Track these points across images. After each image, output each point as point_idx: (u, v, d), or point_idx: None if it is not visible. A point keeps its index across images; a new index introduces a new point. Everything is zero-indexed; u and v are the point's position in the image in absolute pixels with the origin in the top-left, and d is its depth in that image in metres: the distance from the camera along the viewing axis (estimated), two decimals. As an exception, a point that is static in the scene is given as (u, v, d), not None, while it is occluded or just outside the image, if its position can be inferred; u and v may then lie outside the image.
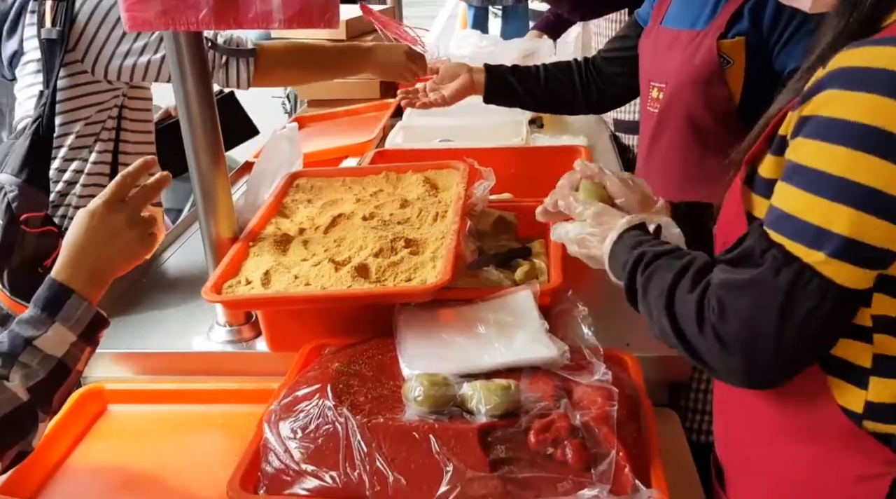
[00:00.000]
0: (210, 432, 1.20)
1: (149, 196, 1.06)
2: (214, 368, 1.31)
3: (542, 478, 0.85)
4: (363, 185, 1.50)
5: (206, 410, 1.24)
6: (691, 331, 0.81)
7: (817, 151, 0.73)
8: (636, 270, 0.90)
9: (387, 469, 0.86)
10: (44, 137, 1.57)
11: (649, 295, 0.87)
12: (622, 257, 0.93)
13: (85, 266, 0.99)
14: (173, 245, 1.76)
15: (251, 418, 1.21)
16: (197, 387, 1.26)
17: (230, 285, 1.16)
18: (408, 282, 1.12)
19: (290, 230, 1.32)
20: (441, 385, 0.94)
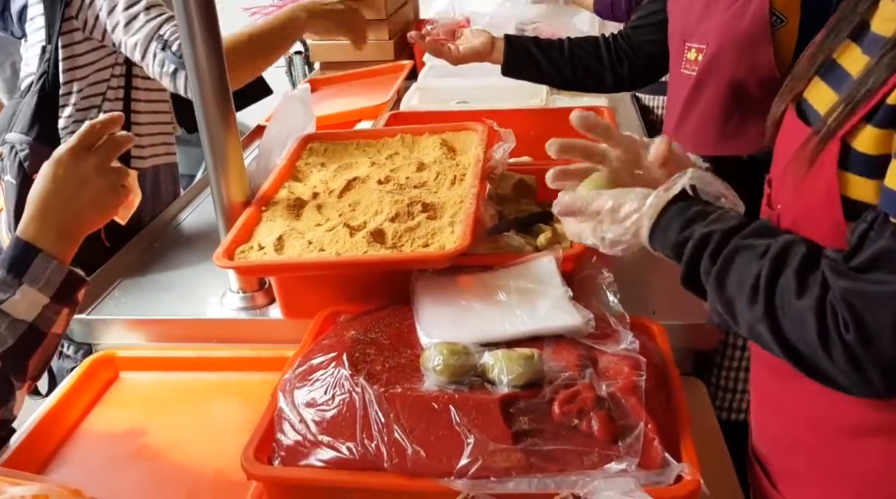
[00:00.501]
0: (224, 400, 1.18)
1: (117, 147, 0.97)
2: (228, 336, 1.28)
3: (566, 450, 0.82)
4: (378, 148, 1.45)
5: (221, 378, 1.22)
6: (809, 345, 0.71)
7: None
8: (701, 257, 0.78)
9: (405, 440, 0.83)
10: (50, 93, 1.53)
11: (728, 290, 0.76)
12: (673, 239, 0.81)
13: (52, 221, 0.91)
14: (185, 209, 1.73)
15: (266, 386, 1.18)
16: (211, 354, 1.24)
17: (242, 251, 1.12)
18: (425, 247, 1.08)
19: (303, 194, 1.28)
20: (461, 354, 0.91)
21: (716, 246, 0.78)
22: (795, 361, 0.73)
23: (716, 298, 0.78)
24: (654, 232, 0.83)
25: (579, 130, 0.96)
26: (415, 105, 1.95)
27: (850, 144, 0.73)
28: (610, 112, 1.72)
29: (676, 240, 0.81)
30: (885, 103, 0.70)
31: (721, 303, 0.78)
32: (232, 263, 1.09)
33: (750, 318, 0.74)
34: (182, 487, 1.01)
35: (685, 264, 0.80)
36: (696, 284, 0.81)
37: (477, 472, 0.80)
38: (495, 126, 1.37)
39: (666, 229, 0.82)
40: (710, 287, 0.78)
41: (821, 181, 0.75)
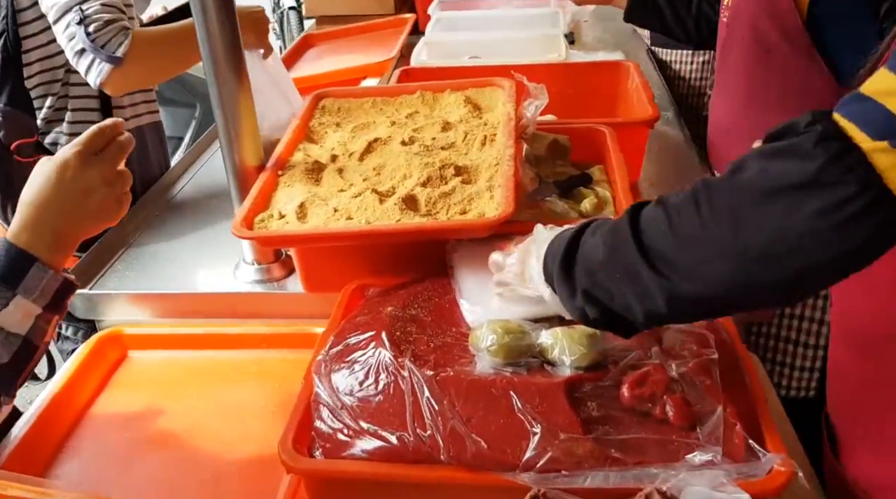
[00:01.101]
0: (243, 380, 1.09)
1: (122, 152, 0.89)
2: (242, 311, 1.19)
3: (643, 439, 0.74)
4: (396, 106, 1.35)
5: (237, 356, 1.13)
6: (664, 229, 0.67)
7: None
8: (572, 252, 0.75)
9: (463, 430, 0.75)
10: (13, 54, 1.41)
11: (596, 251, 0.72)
12: (553, 254, 0.78)
13: (49, 228, 0.83)
14: (184, 175, 1.62)
15: (286, 364, 1.11)
16: (226, 331, 1.15)
17: (262, 220, 1.03)
18: (462, 215, 0.99)
19: (321, 157, 1.18)
20: (517, 333, 0.82)
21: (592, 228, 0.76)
22: (644, 251, 0.68)
23: (587, 253, 0.74)
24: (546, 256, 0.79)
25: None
26: (424, 61, 1.84)
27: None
28: (636, 67, 1.63)
29: (555, 251, 0.77)
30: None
31: (592, 251, 0.73)
32: (252, 233, 0.99)
33: (613, 224, 0.72)
34: (206, 476, 0.93)
35: (564, 248, 0.76)
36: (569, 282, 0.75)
37: (546, 465, 0.72)
38: (525, 81, 1.27)
39: (550, 249, 0.79)
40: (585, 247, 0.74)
41: None
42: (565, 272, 0.75)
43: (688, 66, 2.11)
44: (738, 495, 0.67)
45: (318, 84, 2.00)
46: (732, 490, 0.68)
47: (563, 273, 0.75)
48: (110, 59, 1.32)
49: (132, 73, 1.35)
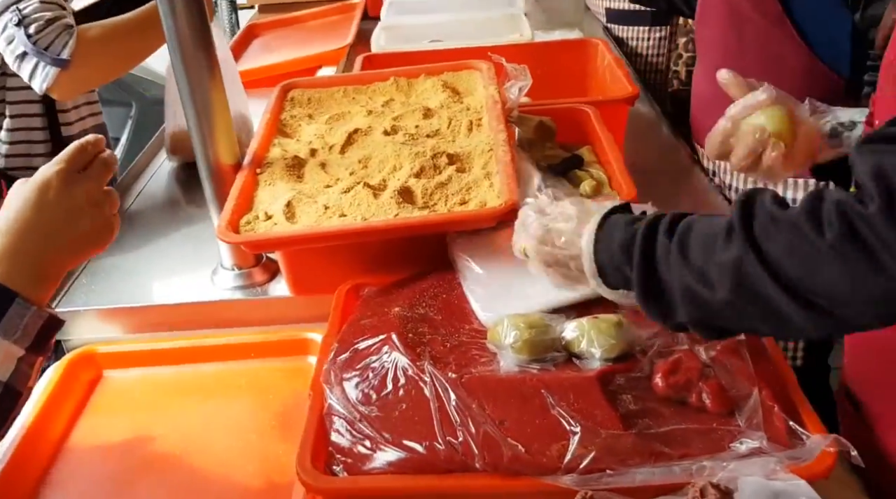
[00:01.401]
0: (233, 394, 1.02)
1: (107, 170, 0.80)
2: (224, 320, 1.12)
3: (686, 430, 0.71)
4: (369, 94, 1.28)
5: (224, 368, 1.06)
6: (802, 256, 0.60)
7: None
8: (654, 240, 0.68)
9: (497, 434, 0.71)
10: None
11: (693, 256, 0.66)
12: (620, 237, 0.71)
13: (30, 257, 0.73)
14: (140, 179, 1.52)
15: (279, 374, 1.04)
16: (209, 343, 1.07)
17: (248, 222, 0.96)
18: (463, 205, 0.94)
19: (299, 152, 1.11)
20: (540, 327, 0.78)
21: (668, 224, 0.69)
22: (786, 287, 0.61)
23: (683, 276, 0.66)
24: (599, 237, 0.73)
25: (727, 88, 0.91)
26: (384, 46, 1.77)
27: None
28: (605, 44, 1.60)
29: (623, 236, 0.71)
30: None
31: (692, 275, 0.65)
32: (241, 237, 0.92)
33: (729, 260, 0.63)
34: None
35: (639, 254, 0.69)
36: (653, 281, 0.68)
37: (589, 465, 0.68)
38: (504, 62, 1.22)
39: (611, 231, 0.73)
40: (673, 265, 0.66)
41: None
42: (653, 297, 0.69)
43: (645, 43, 2.10)
44: (796, 481, 0.65)
45: (269, 76, 1.92)
46: (788, 477, 0.66)
47: (650, 296, 0.69)
48: (56, 62, 1.21)
49: (80, 75, 1.25)
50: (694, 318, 0.67)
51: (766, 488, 0.65)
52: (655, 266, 0.68)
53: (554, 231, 0.76)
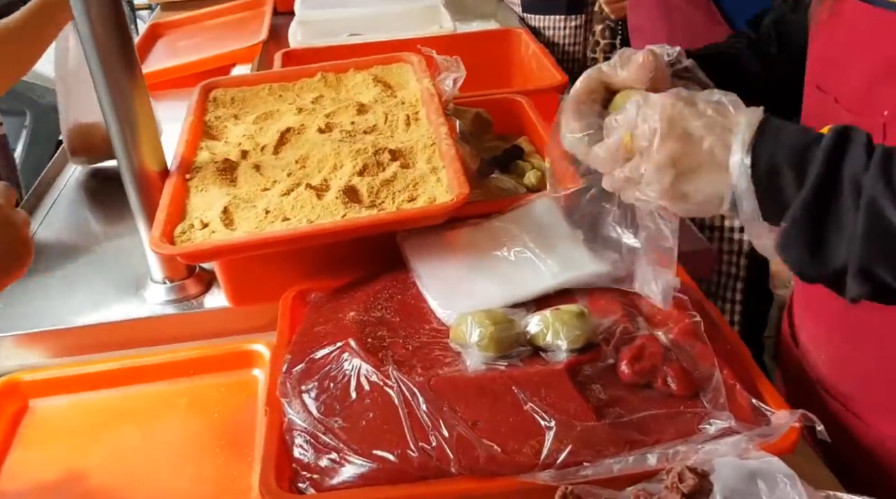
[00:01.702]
0: (175, 415, 0.96)
1: (13, 191, 0.75)
2: (157, 337, 1.05)
3: (655, 416, 0.72)
4: (296, 91, 1.24)
5: (162, 388, 1.00)
6: None
7: None
8: (846, 149, 0.56)
9: (471, 435, 0.69)
10: None
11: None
12: (793, 140, 0.58)
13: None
14: (48, 196, 1.41)
15: (222, 389, 0.99)
16: (144, 362, 1.01)
17: (183, 232, 0.90)
18: (412, 202, 0.92)
19: (229, 154, 1.06)
20: (504, 322, 0.77)
21: (867, 141, 0.57)
22: None
23: (884, 204, 0.54)
24: (762, 139, 0.59)
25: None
26: (301, 41, 1.72)
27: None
28: (527, 33, 1.61)
29: (797, 138, 0.58)
30: None
31: (895, 204, 0.54)
32: (178, 248, 0.87)
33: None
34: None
35: (823, 159, 0.56)
36: (830, 199, 0.56)
37: (566, 459, 0.68)
38: (435, 54, 1.20)
39: (778, 132, 0.59)
40: (871, 182, 0.54)
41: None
42: (821, 218, 0.56)
43: (561, 31, 2.12)
44: (769, 458, 0.66)
45: (180, 77, 1.83)
46: (760, 455, 0.66)
47: (818, 217, 0.56)
48: None
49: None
50: (872, 261, 0.55)
51: (742, 467, 0.65)
52: (839, 180, 0.55)
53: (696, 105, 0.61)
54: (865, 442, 0.83)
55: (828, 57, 0.78)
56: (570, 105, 0.73)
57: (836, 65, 0.77)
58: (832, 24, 0.77)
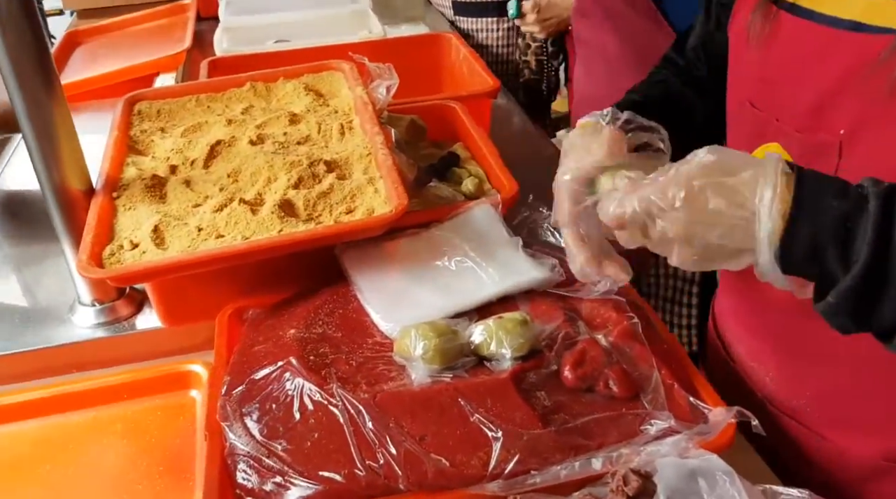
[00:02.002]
0: (109, 442, 0.93)
1: None
2: (88, 362, 1.01)
3: (598, 420, 0.73)
4: (224, 102, 1.21)
5: (95, 415, 0.96)
6: None
7: None
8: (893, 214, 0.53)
9: (419, 450, 0.69)
10: None
11: None
12: (833, 207, 0.55)
13: None
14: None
15: (159, 413, 0.96)
16: (73, 389, 0.96)
17: (112, 253, 0.87)
18: (349, 214, 0.91)
19: (157, 170, 1.02)
20: (448, 334, 0.77)
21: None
22: None
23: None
24: (800, 209, 0.55)
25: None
26: (227, 49, 1.68)
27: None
28: (457, 37, 1.61)
29: (840, 208, 0.54)
30: None
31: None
32: (106, 271, 0.83)
33: None
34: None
35: (874, 233, 0.53)
36: (881, 273, 0.54)
37: (514, 469, 0.68)
38: (366, 62, 1.19)
39: (817, 197, 0.55)
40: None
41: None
42: (872, 294, 0.54)
43: (493, 34, 2.13)
44: (708, 456, 0.67)
45: (101, 87, 1.77)
46: (699, 453, 0.68)
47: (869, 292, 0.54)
48: None
49: None
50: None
51: (683, 467, 0.67)
52: (890, 254, 0.53)
53: (709, 187, 0.57)
54: (822, 455, 0.84)
55: (763, 75, 0.78)
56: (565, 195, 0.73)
57: (775, 84, 0.77)
58: (766, 41, 0.77)
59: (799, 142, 0.73)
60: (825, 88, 0.70)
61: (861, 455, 0.81)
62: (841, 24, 0.69)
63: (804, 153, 0.73)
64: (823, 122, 0.71)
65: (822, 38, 0.71)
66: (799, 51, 0.73)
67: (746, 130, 0.80)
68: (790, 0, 0.75)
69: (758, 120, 0.78)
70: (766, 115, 0.77)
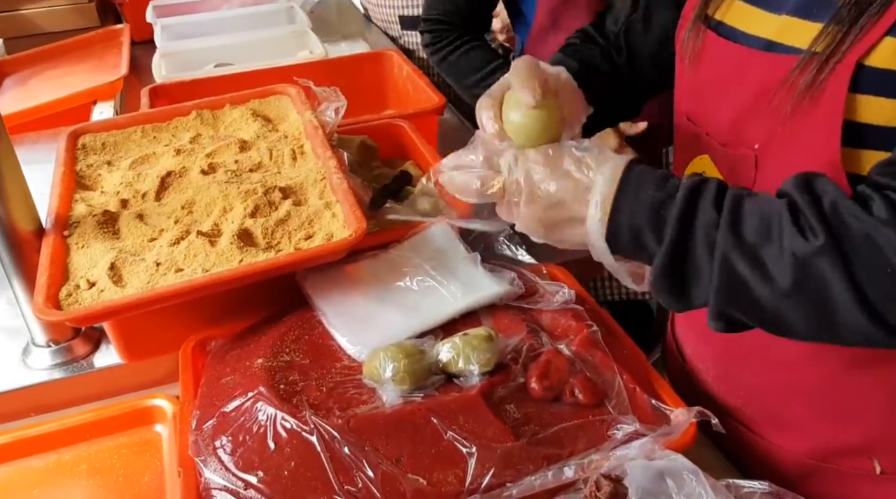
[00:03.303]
0: (76, 484, 0.91)
1: None
2: (46, 404, 0.99)
3: (567, 428, 0.75)
4: (171, 131, 1.20)
5: (59, 458, 0.94)
6: (890, 269, 0.54)
7: None
8: (696, 208, 0.60)
9: (396, 471, 0.70)
10: None
11: (748, 236, 0.58)
12: (649, 197, 0.61)
13: None
14: None
15: (125, 451, 0.95)
16: (33, 433, 0.94)
17: (69, 294, 0.85)
18: (309, 240, 0.91)
19: (107, 205, 1.01)
20: (415, 354, 0.78)
21: (715, 192, 0.61)
22: (860, 299, 0.56)
23: (730, 256, 0.58)
24: (622, 196, 0.62)
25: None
26: (166, 75, 1.65)
27: (865, 64, 0.63)
28: (399, 55, 1.63)
29: (655, 197, 0.61)
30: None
31: (743, 257, 0.58)
32: (64, 313, 0.82)
33: (802, 251, 0.57)
34: None
35: (677, 219, 0.60)
36: (686, 254, 0.61)
37: (490, 482, 0.70)
38: (312, 85, 1.20)
39: (638, 188, 0.62)
40: (720, 242, 0.59)
41: (821, 110, 0.66)
42: (679, 272, 0.60)
43: None
44: (673, 456, 0.70)
45: (35, 119, 1.73)
46: (665, 454, 0.71)
47: (675, 271, 0.60)
48: None
49: None
50: (725, 306, 0.59)
51: (651, 468, 0.70)
52: (693, 237, 0.60)
53: (565, 154, 0.64)
54: (761, 453, 0.88)
55: (694, 90, 0.82)
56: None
57: (704, 99, 0.81)
58: (697, 57, 0.81)
59: (724, 155, 0.78)
60: (742, 106, 0.74)
61: (794, 452, 0.85)
62: (756, 42, 0.74)
63: (728, 166, 0.78)
64: (741, 138, 0.76)
65: (739, 56, 0.75)
66: (721, 69, 0.78)
67: (686, 142, 0.85)
68: (717, 18, 0.79)
69: (693, 133, 0.83)
70: (698, 129, 0.82)
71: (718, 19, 0.79)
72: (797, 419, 0.84)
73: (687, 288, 0.61)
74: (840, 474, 0.82)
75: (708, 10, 0.80)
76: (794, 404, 0.83)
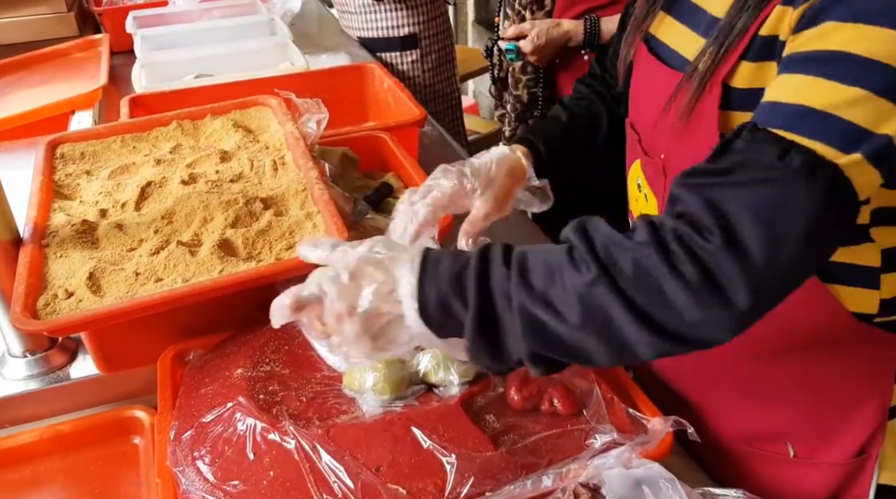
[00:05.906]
0: (53, 495, 0.90)
1: None
2: (22, 415, 0.98)
3: (546, 438, 0.76)
4: (151, 141, 1.20)
5: (35, 469, 0.93)
6: (652, 281, 0.58)
7: (856, 36, 0.60)
8: (488, 269, 0.62)
9: (376, 481, 0.70)
10: None
11: (537, 283, 0.61)
12: (448, 270, 0.63)
13: None
14: None
15: (102, 462, 0.94)
16: (9, 444, 0.93)
17: (47, 304, 0.85)
18: (290, 250, 0.91)
19: (87, 215, 1.01)
20: (396, 363, 0.79)
21: (502, 253, 0.64)
22: (638, 316, 0.59)
23: (526, 305, 0.61)
24: (425, 278, 0.63)
25: None
26: (147, 86, 1.65)
27: (730, 84, 0.71)
28: (381, 68, 1.63)
29: (453, 268, 0.63)
30: (758, 36, 0.69)
31: (536, 303, 0.61)
32: (42, 323, 0.81)
33: (579, 284, 0.60)
34: None
35: (475, 281, 0.62)
36: (491, 313, 0.62)
37: (470, 492, 0.70)
38: (293, 97, 1.21)
39: (436, 266, 0.63)
40: (515, 294, 0.61)
41: (703, 125, 0.72)
42: (487, 331, 0.62)
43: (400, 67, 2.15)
44: (651, 465, 0.71)
45: (12, 128, 1.71)
46: (642, 463, 0.72)
47: (484, 331, 0.62)
48: None
49: None
50: (534, 351, 0.62)
51: (628, 477, 0.71)
52: (492, 296, 0.62)
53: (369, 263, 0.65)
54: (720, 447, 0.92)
55: (631, 99, 0.88)
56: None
57: (636, 107, 0.87)
58: (632, 71, 0.87)
59: (648, 162, 0.85)
60: (653, 118, 0.81)
61: (729, 439, 0.90)
62: (675, 59, 0.79)
63: (650, 173, 0.85)
64: (653, 148, 0.83)
65: (655, 71, 0.81)
66: (645, 81, 0.85)
67: (630, 148, 0.91)
68: (651, 32, 0.84)
69: (633, 140, 0.89)
70: (635, 136, 0.88)
71: (651, 33, 0.84)
72: (727, 405, 0.89)
73: (501, 343, 0.63)
74: (763, 458, 0.88)
75: (645, 24, 0.84)
76: (724, 392, 0.89)
